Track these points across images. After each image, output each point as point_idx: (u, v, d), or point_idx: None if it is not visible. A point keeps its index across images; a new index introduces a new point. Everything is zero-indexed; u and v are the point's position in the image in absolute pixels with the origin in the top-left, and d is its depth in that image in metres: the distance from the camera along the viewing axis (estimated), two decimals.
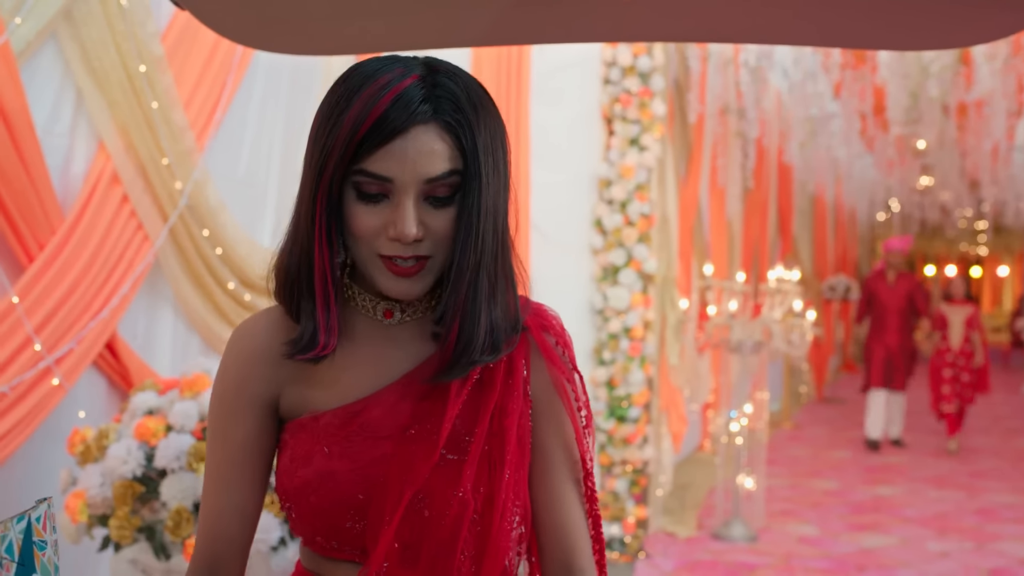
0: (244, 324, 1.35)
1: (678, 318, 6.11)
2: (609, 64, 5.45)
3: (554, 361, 1.30)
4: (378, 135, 1.15)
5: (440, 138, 1.17)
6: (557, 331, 1.33)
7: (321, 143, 1.19)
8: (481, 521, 1.23)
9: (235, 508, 1.31)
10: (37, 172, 2.81)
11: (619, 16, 2.31)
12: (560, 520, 1.29)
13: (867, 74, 7.90)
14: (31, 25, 2.79)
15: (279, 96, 4.09)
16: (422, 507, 1.21)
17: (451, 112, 1.17)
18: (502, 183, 1.23)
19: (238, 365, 1.32)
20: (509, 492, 1.24)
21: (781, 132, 8.85)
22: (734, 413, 6.20)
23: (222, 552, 1.32)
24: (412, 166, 1.15)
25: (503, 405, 1.26)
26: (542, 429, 1.30)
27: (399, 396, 1.26)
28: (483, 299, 1.22)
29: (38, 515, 1.11)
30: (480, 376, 1.26)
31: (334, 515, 1.23)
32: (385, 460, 1.22)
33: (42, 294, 2.85)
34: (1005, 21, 2.13)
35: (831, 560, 5.50)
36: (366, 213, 1.18)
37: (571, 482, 1.30)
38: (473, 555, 1.23)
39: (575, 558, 1.29)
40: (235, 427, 1.31)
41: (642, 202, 5.39)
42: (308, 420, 1.27)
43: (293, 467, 1.26)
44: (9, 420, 2.76)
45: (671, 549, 5.57)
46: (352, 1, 2.24)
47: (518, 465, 1.26)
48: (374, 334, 1.29)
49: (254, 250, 3.82)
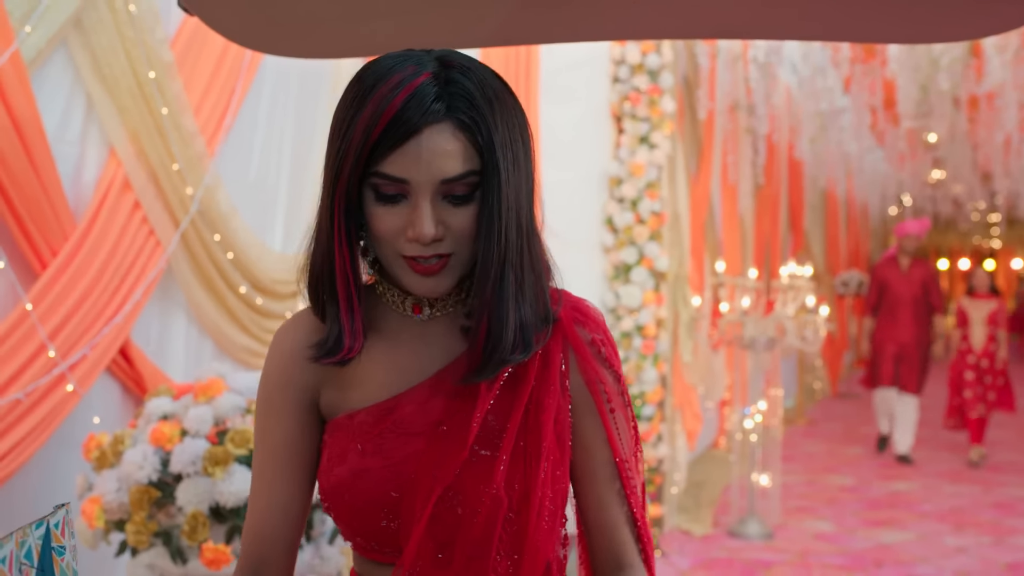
0: (286, 323, 1.36)
1: (691, 315, 6.10)
2: (618, 62, 5.45)
3: (585, 357, 1.28)
4: (391, 137, 1.13)
5: (455, 137, 1.15)
6: (594, 325, 1.31)
7: (336, 146, 1.18)
8: (517, 520, 1.21)
9: (279, 507, 1.31)
10: (49, 180, 2.82)
11: (627, 15, 2.31)
12: (605, 521, 1.28)
13: (877, 68, 7.87)
14: (41, 33, 2.80)
15: (288, 100, 4.10)
16: (454, 504, 1.20)
17: (465, 110, 1.15)
18: (523, 176, 1.21)
19: (279, 364, 1.33)
20: (546, 489, 1.22)
21: (791, 128, 8.83)
22: (748, 410, 6.18)
23: (267, 552, 1.31)
24: (427, 167, 1.14)
25: (538, 399, 1.24)
26: (582, 426, 1.28)
27: (431, 393, 1.25)
28: (510, 297, 1.20)
29: (56, 521, 1.12)
30: (513, 370, 1.24)
31: (369, 513, 1.22)
32: (417, 457, 1.22)
33: (55, 301, 2.86)
34: (1015, 13, 2.12)
35: (848, 556, 5.49)
36: (385, 214, 1.17)
37: (614, 482, 1.29)
38: (510, 554, 1.21)
39: (624, 554, 1.29)
40: (276, 425, 1.32)
41: (653, 200, 5.38)
42: (344, 419, 1.28)
43: (330, 466, 1.26)
44: (24, 426, 2.77)
45: (687, 547, 5.56)
46: (360, 3, 2.24)
47: (557, 462, 1.24)
48: (405, 330, 1.29)
49: (265, 254, 3.82)
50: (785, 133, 8.72)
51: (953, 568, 5.29)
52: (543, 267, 1.27)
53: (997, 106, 8.09)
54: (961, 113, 9.12)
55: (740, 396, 7.24)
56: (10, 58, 2.64)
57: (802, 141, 9.20)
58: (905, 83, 7.50)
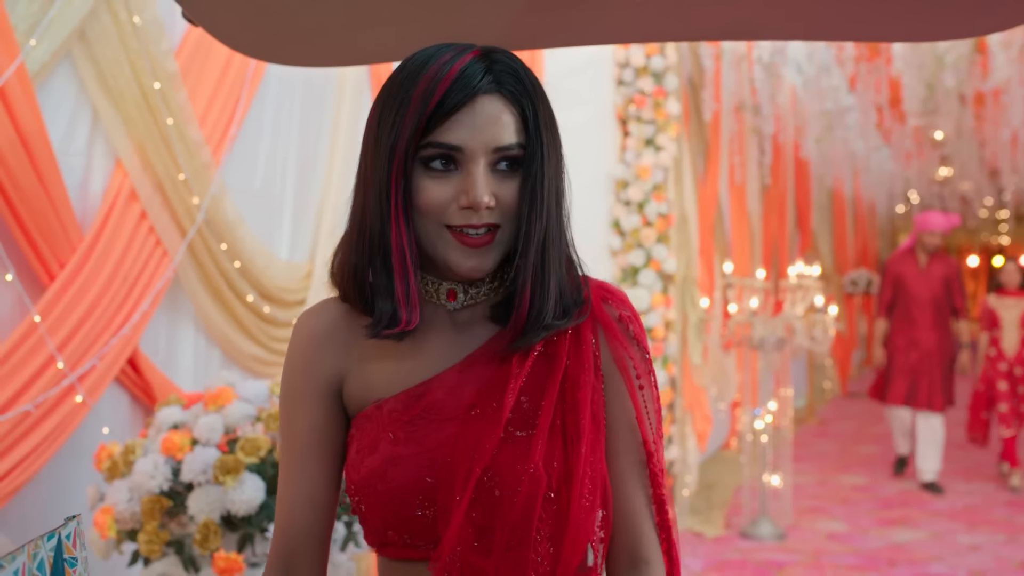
0: (306, 312, 1.35)
1: (699, 317, 6.09)
2: (622, 65, 5.45)
3: (614, 334, 1.28)
4: (446, 107, 1.17)
5: (506, 108, 1.20)
6: (620, 302, 1.32)
7: (388, 126, 1.20)
8: (557, 500, 1.20)
9: (306, 498, 1.30)
10: (55, 191, 2.83)
11: (631, 18, 2.30)
12: (625, 505, 1.26)
13: (882, 66, 7.86)
14: (46, 46, 2.81)
15: (293, 108, 4.10)
16: (492, 486, 1.18)
17: (512, 83, 1.21)
18: (559, 159, 1.26)
19: (302, 349, 1.32)
20: (587, 468, 1.21)
21: (797, 127, 8.82)
22: (759, 411, 6.17)
23: (297, 545, 1.30)
24: (481, 134, 1.18)
25: (574, 377, 1.24)
26: (612, 406, 1.27)
27: (462, 376, 1.25)
28: (551, 267, 1.23)
29: (68, 532, 1.12)
30: (544, 349, 1.25)
31: (403, 502, 1.21)
32: (451, 441, 1.21)
33: (63, 312, 2.87)
34: (1019, 9, 2.11)
35: (861, 556, 5.47)
36: (436, 185, 1.19)
37: (637, 465, 1.27)
38: (551, 536, 1.19)
39: (641, 547, 1.26)
40: (301, 413, 1.31)
41: (659, 202, 5.38)
42: (372, 410, 1.27)
43: (359, 458, 1.25)
44: (34, 438, 2.77)
45: (699, 549, 5.55)
46: (364, 11, 2.24)
47: (594, 442, 1.23)
48: (436, 320, 1.29)
49: (272, 262, 3.83)
50: (791, 133, 8.71)
51: (967, 566, 5.27)
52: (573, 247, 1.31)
53: (1003, 102, 8.07)
54: (967, 110, 9.11)
55: (750, 397, 7.23)
56: (15, 71, 2.65)
57: (808, 141, 9.19)
58: (911, 81, 7.49)
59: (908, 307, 7.34)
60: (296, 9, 2.25)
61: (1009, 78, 7.17)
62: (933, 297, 7.29)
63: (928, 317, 7.28)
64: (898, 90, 8.18)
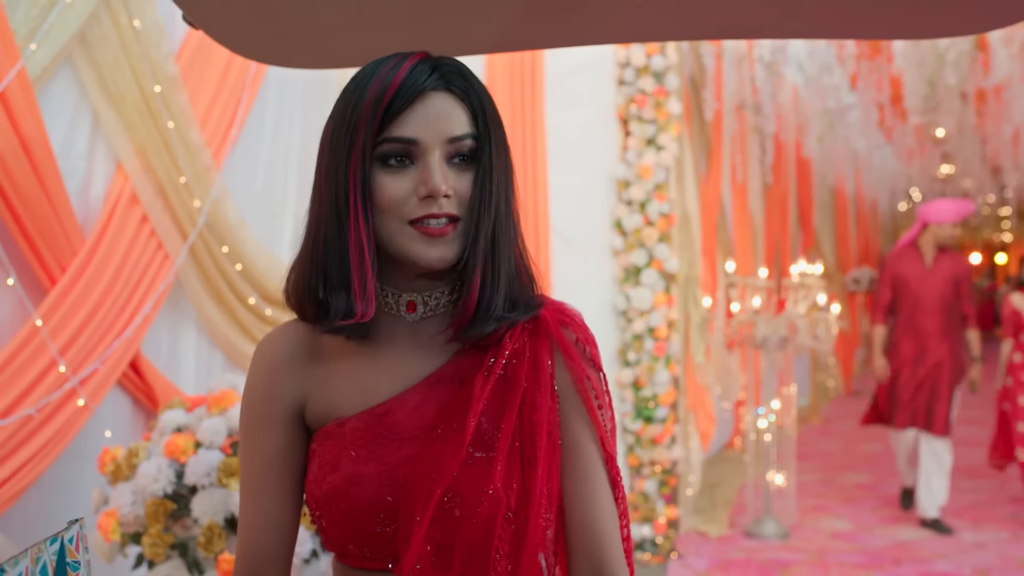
0: (266, 337, 1.36)
1: (702, 316, 6.09)
2: (623, 65, 5.45)
3: (572, 357, 1.29)
4: (398, 103, 1.22)
5: (456, 103, 1.25)
6: (577, 326, 1.33)
7: (343, 132, 1.25)
8: (515, 519, 1.21)
9: (270, 521, 1.32)
10: (57, 196, 2.83)
11: (632, 18, 2.30)
12: (590, 518, 1.27)
13: (883, 64, 7.85)
14: (46, 51, 2.81)
15: (294, 110, 4.10)
16: (453, 507, 1.20)
17: (460, 81, 1.26)
18: (507, 159, 1.30)
19: (262, 376, 1.33)
20: (544, 487, 1.23)
21: (798, 126, 8.81)
22: (762, 410, 6.16)
23: (261, 567, 1.32)
24: (434, 125, 1.22)
25: (531, 401, 1.25)
26: (571, 425, 1.28)
27: (424, 396, 1.26)
28: (501, 259, 1.26)
29: (71, 536, 1.12)
30: (504, 372, 1.26)
31: (363, 519, 1.22)
32: (413, 461, 1.22)
33: (65, 316, 2.87)
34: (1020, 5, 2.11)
35: (865, 554, 5.46)
36: (394, 181, 1.23)
37: (602, 481, 1.28)
38: (509, 554, 1.21)
39: (605, 560, 1.26)
40: (264, 438, 1.32)
41: (661, 202, 5.37)
42: (334, 427, 1.27)
43: (321, 474, 1.26)
44: (37, 442, 2.77)
45: (703, 548, 5.55)
46: (364, 13, 2.24)
47: (551, 461, 1.25)
48: (396, 334, 1.30)
49: (274, 265, 3.83)
50: (792, 131, 8.70)
51: (971, 564, 5.27)
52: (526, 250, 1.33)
53: (1005, 99, 8.06)
54: (969, 107, 9.10)
55: (753, 396, 7.23)
56: (16, 76, 2.65)
57: (810, 139, 9.18)
58: (912, 78, 7.49)
59: (913, 313, 6.19)
60: (296, 11, 2.24)
61: (1010, 75, 7.16)
62: (942, 301, 6.14)
63: (936, 325, 6.14)
64: (899, 88, 8.17)
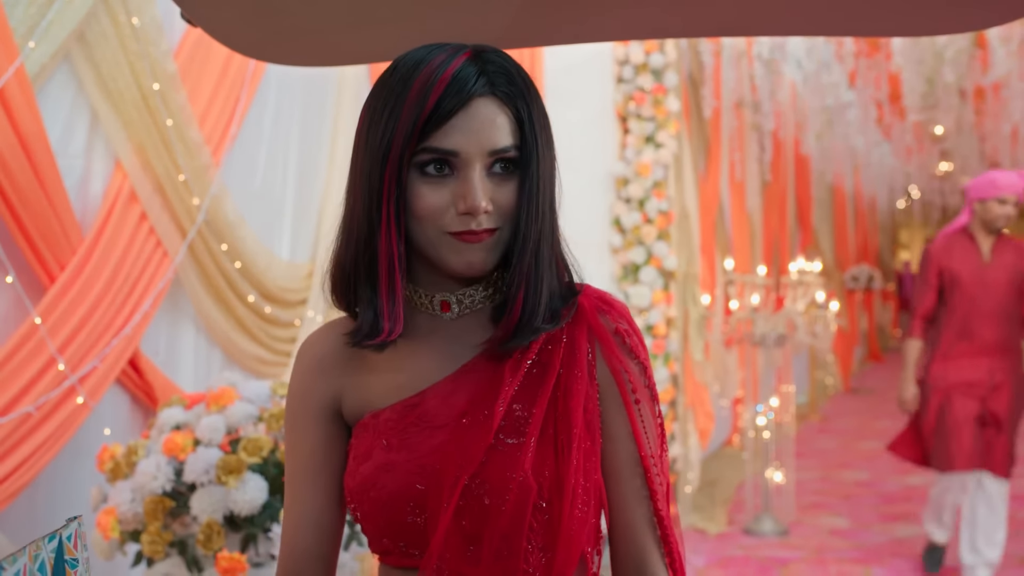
0: (311, 336, 1.36)
1: (701, 314, 6.09)
2: (622, 62, 5.45)
3: (610, 347, 1.26)
4: (441, 111, 1.16)
5: (500, 110, 1.19)
6: (618, 315, 1.29)
7: (380, 130, 1.19)
8: (548, 509, 1.18)
9: (310, 521, 1.31)
10: (55, 193, 2.83)
11: (630, 15, 2.30)
12: (627, 519, 1.25)
13: (881, 62, 7.85)
14: (45, 48, 2.81)
15: (293, 108, 4.10)
16: (481, 494, 1.17)
17: (506, 84, 1.20)
18: (552, 159, 1.26)
19: (301, 376, 1.34)
20: (579, 478, 1.20)
21: (797, 123, 8.82)
22: (761, 407, 6.17)
23: (303, 567, 1.31)
24: (476, 138, 1.17)
25: (567, 386, 1.23)
26: (610, 417, 1.26)
27: (456, 385, 1.25)
28: (544, 269, 1.23)
29: (69, 534, 1.12)
30: (538, 357, 1.24)
31: (395, 509, 1.21)
32: (442, 448, 1.21)
33: (64, 314, 2.87)
34: (1018, 2, 2.11)
35: (864, 551, 5.47)
36: (432, 191, 1.18)
37: (637, 479, 1.25)
38: (542, 546, 1.18)
39: (647, 564, 1.24)
40: (303, 438, 1.32)
41: (660, 199, 5.38)
42: (369, 419, 1.27)
43: (355, 465, 1.26)
44: (36, 439, 2.77)
45: (702, 546, 5.55)
46: (363, 10, 2.24)
47: (588, 451, 1.22)
48: (432, 331, 1.28)
49: (273, 263, 3.83)
50: (791, 129, 8.71)
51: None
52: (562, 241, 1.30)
53: (1003, 97, 8.07)
54: (967, 105, 9.10)
55: (752, 393, 7.23)
56: (14, 74, 2.65)
57: (808, 136, 9.19)
58: (910, 76, 7.49)
59: (968, 319, 4.67)
60: (295, 9, 2.24)
61: (1009, 72, 7.16)
62: (1002, 304, 4.65)
63: (996, 335, 4.65)
64: (898, 85, 8.18)
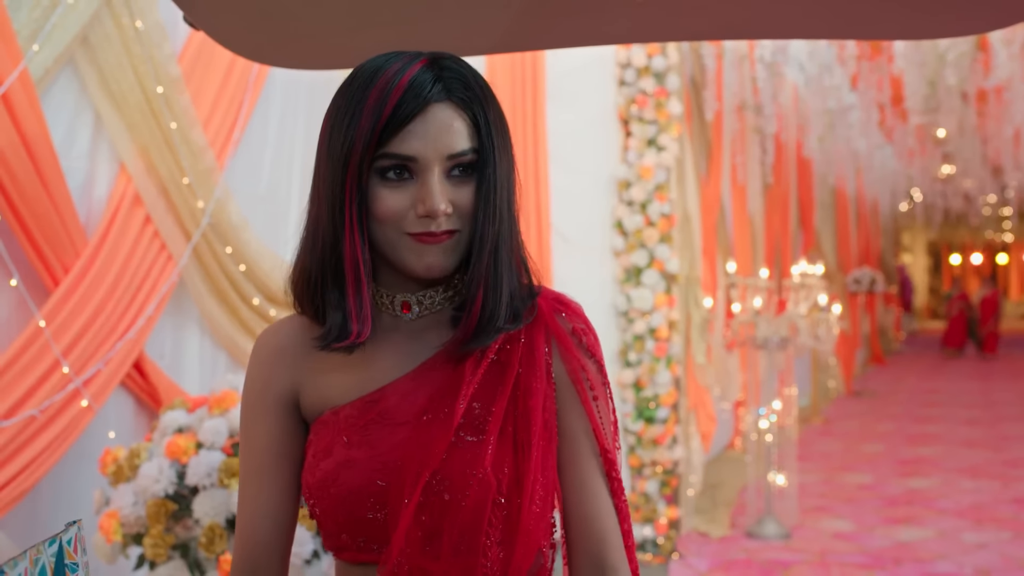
0: (266, 329, 1.37)
1: (703, 317, 6.09)
2: (624, 65, 5.45)
3: (567, 346, 1.29)
4: (399, 117, 1.18)
5: (457, 115, 1.21)
6: (574, 314, 1.32)
7: (341, 137, 1.22)
8: (507, 505, 1.21)
9: (266, 514, 1.32)
10: (59, 196, 2.84)
11: (632, 18, 2.30)
12: (589, 511, 1.26)
13: (883, 64, 7.85)
14: (48, 52, 2.82)
15: (297, 111, 4.11)
16: (442, 490, 1.19)
17: (462, 90, 1.22)
18: (510, 161, 1.27)
19: (258, 368, 1.34)
20: (538, 474, 1.22)
21: (799, 126, 8.82)
22: (763, 410, 6.16)
23: (259, 560, 1.32)
24: (434, 143, 1.19)
25: (526, 385, 1.25)
26: (567, 415, 1.28)
27: (416, 382, 1.26)
28: (503, 270, 1.25)
29: (69, 538, 1.12)
30: (497, 357, 1.26)
31: (355, 505, 1.22)
32: (403, 445, 1.22)
33: (69, 317, 2.87)
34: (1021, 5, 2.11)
35: (867, 555, 5.46)
36: (392, 195, 1.20)
37: (598, 472, 1.27)
38: (501, 541, 1.20)
39: (606, 553, 1.25)
40: (258, 429, 1.33)
41: (662, 202, 5.37)
42: (329, 416, 1.28)
43: (315, 462, 1.27)
44: (40, 442, 2.78)
45: (704, 549, 5.55)
46: (365, 13, 2.24)
47: (546, 450, 1.24)
48: (394, 330, 1.30)
49: (277, 265, 3.83)
50: (793, 132, 8.71)
51: (973, 564, 5.26)
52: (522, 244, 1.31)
53: (1006, 99, 8.07)
54: (969, 107, 9.10)
55: (754, 396, 7.23)
56: (18, 77, 2.65)
57: (810, 139, 9.18)
58: (912, 79, 7.49)
59: None
60: (297, 12, 2.25)
61: (1011, 75, 7.17)
62: None
63: None
64: (900, 88, 8.17)
